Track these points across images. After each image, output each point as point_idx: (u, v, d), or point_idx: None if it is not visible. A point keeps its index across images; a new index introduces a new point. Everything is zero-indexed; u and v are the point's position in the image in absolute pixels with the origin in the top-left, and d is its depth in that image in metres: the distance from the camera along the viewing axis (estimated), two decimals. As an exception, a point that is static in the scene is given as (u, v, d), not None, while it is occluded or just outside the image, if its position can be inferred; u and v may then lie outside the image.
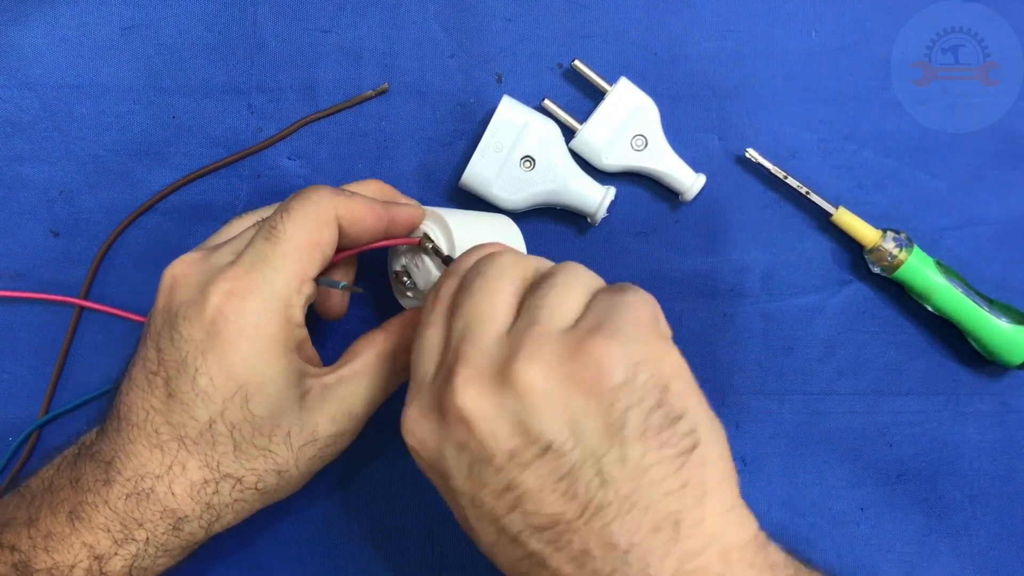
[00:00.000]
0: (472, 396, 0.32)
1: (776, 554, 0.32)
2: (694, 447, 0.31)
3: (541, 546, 0.32)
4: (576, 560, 0.31)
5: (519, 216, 0.50)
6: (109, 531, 0.38)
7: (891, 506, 0.51)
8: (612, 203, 0.49)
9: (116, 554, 0.39)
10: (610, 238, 0.51)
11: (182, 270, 0.40)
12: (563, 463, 0.31)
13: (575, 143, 0.49)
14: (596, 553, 0.31)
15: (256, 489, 0.40)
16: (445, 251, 0.43)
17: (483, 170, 0.48)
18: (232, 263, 0.39)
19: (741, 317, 0.51)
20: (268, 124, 0.51)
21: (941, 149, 0.52)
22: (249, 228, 0.42)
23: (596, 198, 0.49)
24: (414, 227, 0.44)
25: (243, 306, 0.38)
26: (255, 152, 0.51)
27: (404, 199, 0.46)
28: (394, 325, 0.43)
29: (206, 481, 0.39)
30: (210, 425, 0.38)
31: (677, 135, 0.50)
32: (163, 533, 0.39)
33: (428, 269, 0.44)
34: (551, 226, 0.51)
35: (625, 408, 0.31)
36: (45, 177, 0.50)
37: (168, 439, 0.38)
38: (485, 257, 0.37)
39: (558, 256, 0.49)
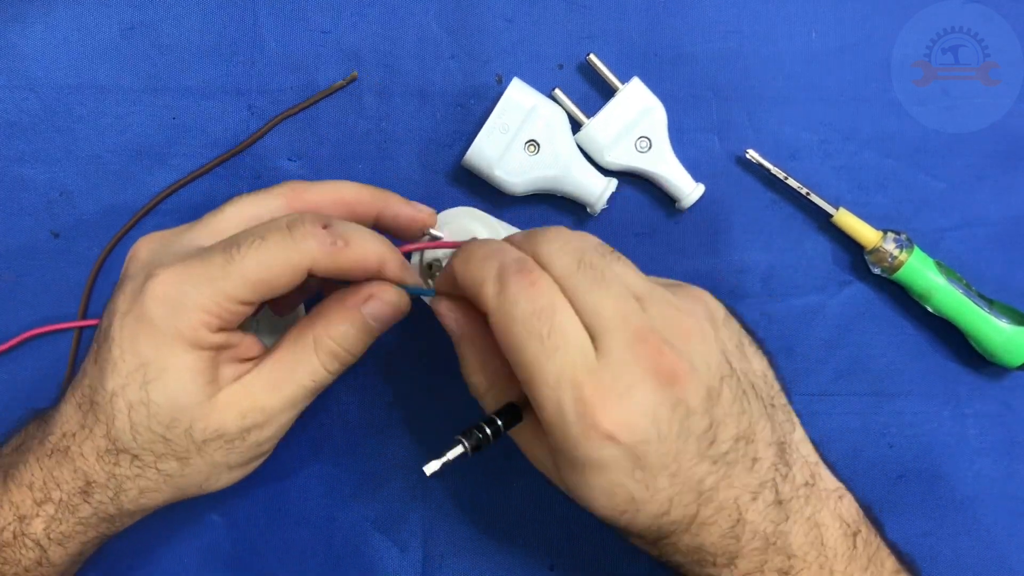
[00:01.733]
0: (680, 350, 0.35)
1: None
2: (772, 362, 0.41)
3: (723, 470, 0.36)
4: (746, 470, 0.36)
5: (519, 201, 0.50)
6: (32, 489, 0.40)
7: (891, 507, 0.51)
8: (612, 197, 0.49)
9: (36, 515, 0.40)
10: (611, 238, 0.51)
11: (146, 245, 0.41)
12: (734, 384, 0.37)
13: (580, 136, 0.49)
14: (761, 454, 0.37)
15: (156, 469, 0.40)
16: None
17: (487, 150, 0.48)
18: (184, 258, 0.39)
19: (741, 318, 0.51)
20: (269, 125, 0.51)
21: (941, 150, 0.52)
22: (237, 231, 0.40)
23: (597, 188, 0.49)
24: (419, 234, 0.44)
25: (167, 297, 0.38)
26: (243, 149, 0.51)
27: (398, 201, 0.44)
28: (316, 315, 0.42)
29: (108, 450, 0.39)
30: (112, 397, 0.38)
31: (678, 136, 0.50)
32: (75, 496, 0.40)
33: None
34: (550, 214, 0.51)
35: (736, 330, 0.40)
36: (45, 178, 0.50)
37: (86, 401, 0.40)
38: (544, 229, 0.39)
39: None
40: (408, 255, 0.46)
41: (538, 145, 0.48)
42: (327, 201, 0.43)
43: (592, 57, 0.50)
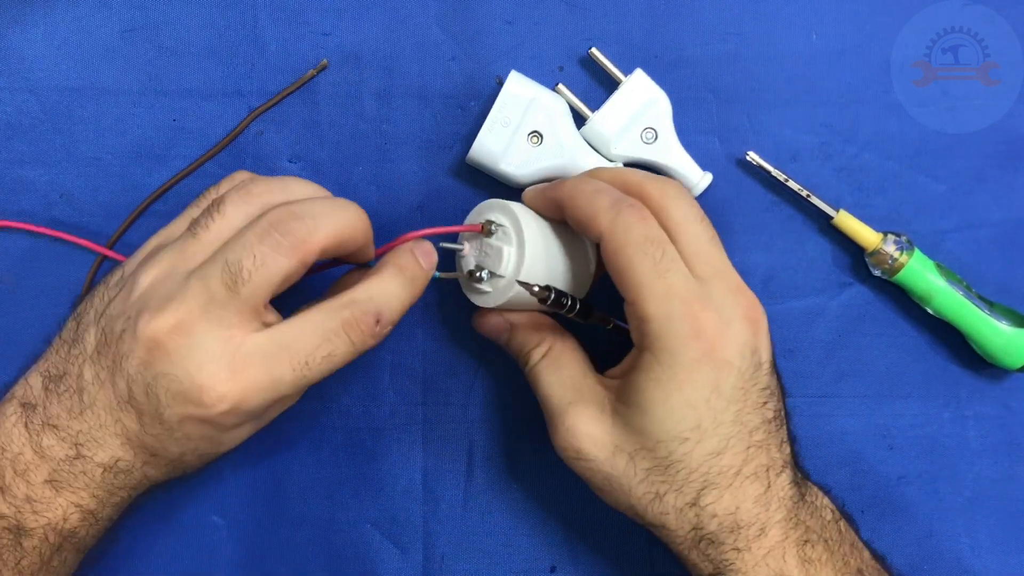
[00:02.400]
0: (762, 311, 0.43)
1: None
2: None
3: (765, 434, 0.41)
4: (780, 443, 0.42)
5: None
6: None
7: (892, 509, 0.51)
8: None
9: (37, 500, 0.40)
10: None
11: (155, 275, 0.40)
12: (778, 378, 0.43)
13: (586, 130, 0.49)
14: (787, 440, 0.42)
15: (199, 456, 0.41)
16: (510, 227, 0.43)
17: (490, 145, 0.48)
18: (186, 295, 0.38)
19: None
20: (268, 127, 0.51)
21: (941, 151, 0.52)
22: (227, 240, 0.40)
23: None
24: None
25: (186, 340, 0.37)
26: (227, 144, 0.51)
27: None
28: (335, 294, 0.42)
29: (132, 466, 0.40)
30: (162, 419, 0.39)
31: (678, 137, 0.50)
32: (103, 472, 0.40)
33: (499, 249, 0.44)
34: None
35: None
36: (45, 180, 0.50)
37: (95, 401, 0.39)
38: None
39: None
40: (451, 262, 0.46)
41: (541, 136, 0.48)
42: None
43: (594, 51, 0.50)
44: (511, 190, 0.50)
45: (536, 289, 0.42)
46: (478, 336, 0.48)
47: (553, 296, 0.42)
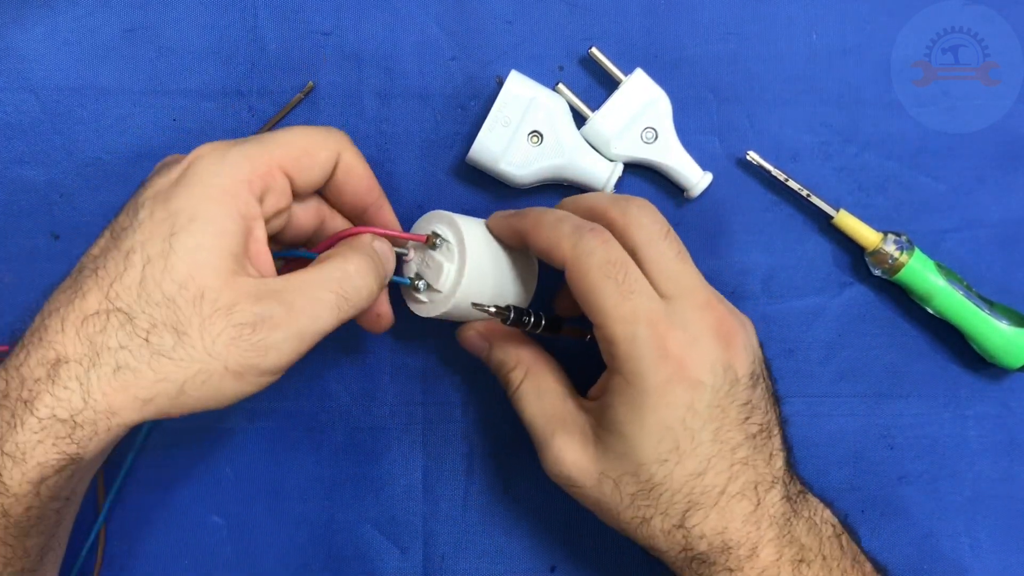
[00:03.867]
0: (740, 323, 0.42)
1: None
2: None
3: (752, 452, 0.40)
4: (765, 460, 0.41)
5: (526, 193, 0.50)
6: None
7: (892, 508, 0.51)
8: (619, 181, 0.49)
9: None
10: (611, 240, 0.51)
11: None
12: (759, 374, 0.42)
13: (586, 130, 0.49)
14: (776, 452, 0.41)
15: (146, 340, 0.36)
16: (454, 244, 0.44)
17: (490, 145, 0.48)
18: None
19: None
20: (269, 126, 0.51)
21: (942, 151, 0.52)
22: None
23: (604, 174, 0.49)
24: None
25: (214, 153, 0.38)
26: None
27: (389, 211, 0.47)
28: (345, 249, 0.42)
29: (97, 312, 0.36)
30: (128, 254, 0.37)
31: (679, 137, 0.50)
32: (37, 383, 0.36)
33: (440, 264, 0.44)
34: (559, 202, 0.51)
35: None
36: (46, 180, 0.50)
37: (86, 275, 0.37)
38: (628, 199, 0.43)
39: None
40: (399, 268, 0.46)
41: (541, 136, 0.48)
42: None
43: (594, 50, 0.50)
44: (511, 189, 0.50)
45: (492, 310, 0.42)
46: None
47: (513, 315, 0.43)
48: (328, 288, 0.39)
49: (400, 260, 0.45)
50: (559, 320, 0.45)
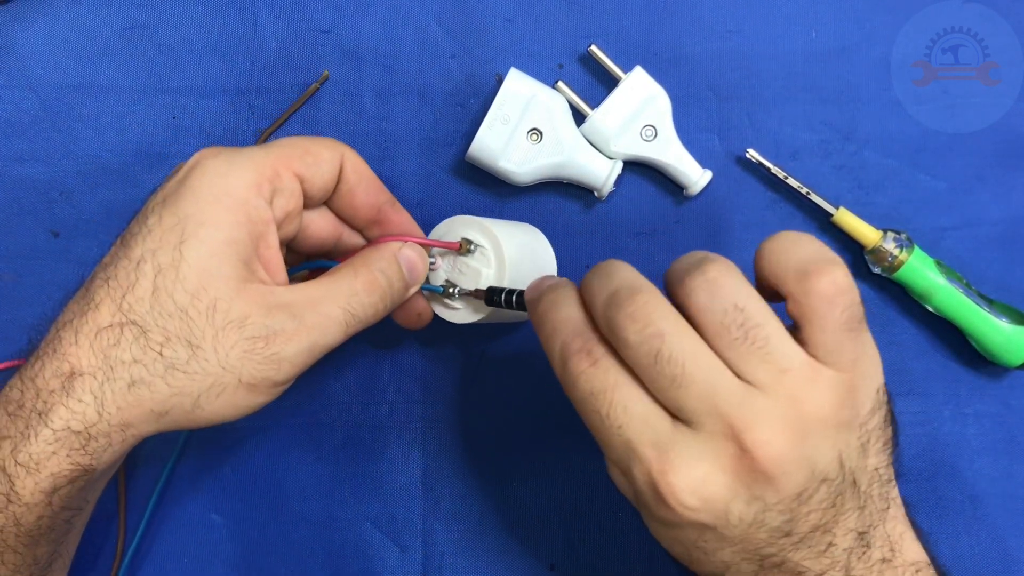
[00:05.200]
0: (780, 451, 0.32)
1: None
2: (897, 441, 0.37)
3: (792, 553, 0.35)
4: (818, 553, 0.35)
5: (525, 190, 0.50)
6: (6, 406, 0.37)
7: (891, 506, 0.51)
8: (614, 193, 0.49)
9: (7, 436, 0.36)
10: (611, 239, 0.51)
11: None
12: (833, 487, 0.34)
13: (585, 128, 0.49)
14: (838, 542, 0.35)
15: (160, 354, 0.36)
16: (490, 248, 0.44)
17: (490, 142, 0.48)
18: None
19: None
20: (269, 125, 0.51)
21: (941, 149, 0.52)
22: None
23: (603, 171, 0.49)
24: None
25: (219, 157, 0.38)
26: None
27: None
28: (359, 263, 0.42)
29: (111, 325, 0.36)
30: (138, 264, 0.36)
31: (678, 135, 0.50)
32: (52, 395, 0.36)
33: (476, 270, 0.44)
34: (557, 201, 0.51)
35: (872, 428, 0.35)
36: (45, 178, 0.50)
37: (98, 284, 0.37)
38: (632, 294, 0.34)
39: (561, 243, 0.49)
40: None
41: (540, 133, 0.48)
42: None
43: (594, 48, 0.50)
44: (510, 188, 0.50)
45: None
46: (478, 334, 0.48)
47: None
48: (337, 304, 0.39)
49: (428, 268, 0.45)
50: None
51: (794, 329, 0.34)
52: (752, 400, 0.33)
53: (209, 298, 0.36)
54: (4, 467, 0.36)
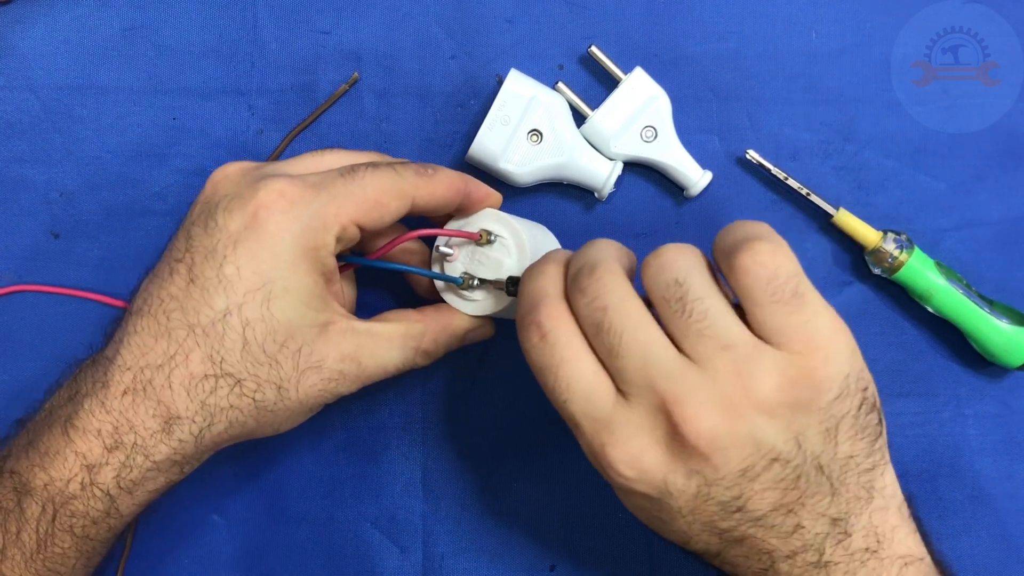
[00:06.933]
0: (710, 427, 0.33)
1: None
2: (882, 432, 0.37)
3: (753, 530, 0.35)
4: (785, 534, 0.35)
5: (526, 191, 0.50)
6: (100, 436, 0.38)
7: (891, 507, 0.51)
8: (614, 194, 0.49)
9: (106, 463, 0.38)
10: (610, 238, 0.51)
11: (235, 168, 0.42)
12: (788, 468, 0.34)
13: (585, 129, 0.49)
14: (806, 524, 0.35)
15: (253, 399, 0.39)
16: (510, 239, 0.44)
17: (490, 143, 0.48)
18: (292, 175, 0.40)
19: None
20: (269, 126, 0.51)
21: (941, 150, 0.52)
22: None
23: (604, 172, 0.49)
24: (489, 204, 0.45)
25: (291, 210, 0.38)
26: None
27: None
28: (428, 313, 0.45)
29: (206, 376, 0.38)
30: (224, 316, 0.38)
31: (678, 136, 0.50)
32: (153, 436, 0.38)
33: (498, 260, 0.44)
34: (558, 202, 0.52)
35: (840, 415, 0.35)
36: (45, 179, 0.50)
37: (178, 326, 0.38)
38: (591, 269, 0.36)
39: (562, 243, 0.49)
40: (431, 244, 0.46)
41: (541, 134, 0.48)
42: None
43: (594, 49, 0.50)
44: (511, 188, 0.50)
45: None
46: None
47: None
48: (393, 363, 0.43)
49: (443, 260, 0.45)
50: None
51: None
52: (686, 374, 0.34)
53: (296, 345, 0.39)
54: (108, 491, 0.39)
